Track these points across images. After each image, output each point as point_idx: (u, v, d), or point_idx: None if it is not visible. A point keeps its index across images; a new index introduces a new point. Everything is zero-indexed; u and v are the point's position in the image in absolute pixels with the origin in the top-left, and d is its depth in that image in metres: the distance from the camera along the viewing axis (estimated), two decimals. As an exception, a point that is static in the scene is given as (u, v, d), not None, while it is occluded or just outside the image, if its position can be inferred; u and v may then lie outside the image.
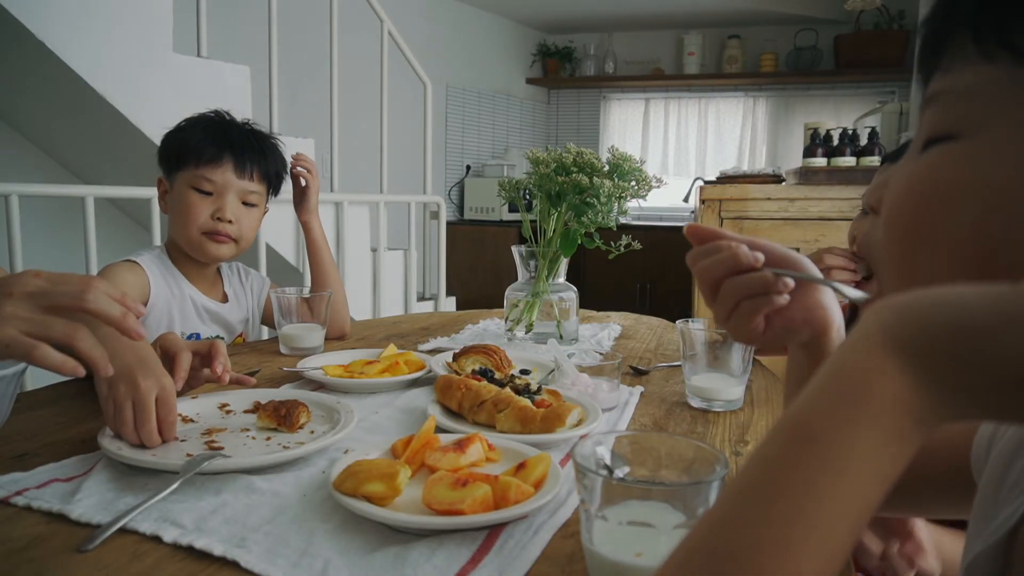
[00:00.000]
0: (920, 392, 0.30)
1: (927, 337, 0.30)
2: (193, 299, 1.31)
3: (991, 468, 0.48)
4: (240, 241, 1.30)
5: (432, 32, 4.48)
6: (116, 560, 0.55)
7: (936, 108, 0.39)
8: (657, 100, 5.33)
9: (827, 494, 0.30)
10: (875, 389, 0.31)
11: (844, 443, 0.30)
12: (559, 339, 1.34)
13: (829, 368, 0.33)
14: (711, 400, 0.98)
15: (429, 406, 0.91)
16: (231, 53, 2.47)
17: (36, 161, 2.61)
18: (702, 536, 0.33)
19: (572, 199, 1.31)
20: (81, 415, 0.89)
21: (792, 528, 0.30)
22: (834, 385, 0.32)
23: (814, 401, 0.32)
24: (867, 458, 0.30)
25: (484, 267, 4.53)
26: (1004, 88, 0.35)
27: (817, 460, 0.31)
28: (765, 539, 0.30)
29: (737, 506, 0.32)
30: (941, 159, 0.38)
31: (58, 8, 1.90)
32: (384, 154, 2.96)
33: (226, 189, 1.26)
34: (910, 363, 0.30)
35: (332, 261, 1.45)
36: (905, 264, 0.40)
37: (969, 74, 0.36)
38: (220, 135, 1.27)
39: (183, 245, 1.29)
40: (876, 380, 0.31)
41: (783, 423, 0.33)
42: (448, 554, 0.56)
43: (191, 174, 1.25)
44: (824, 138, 3.20)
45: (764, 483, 0.32)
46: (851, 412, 0.31)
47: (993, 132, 0.35)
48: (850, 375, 0.31)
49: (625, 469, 0.54)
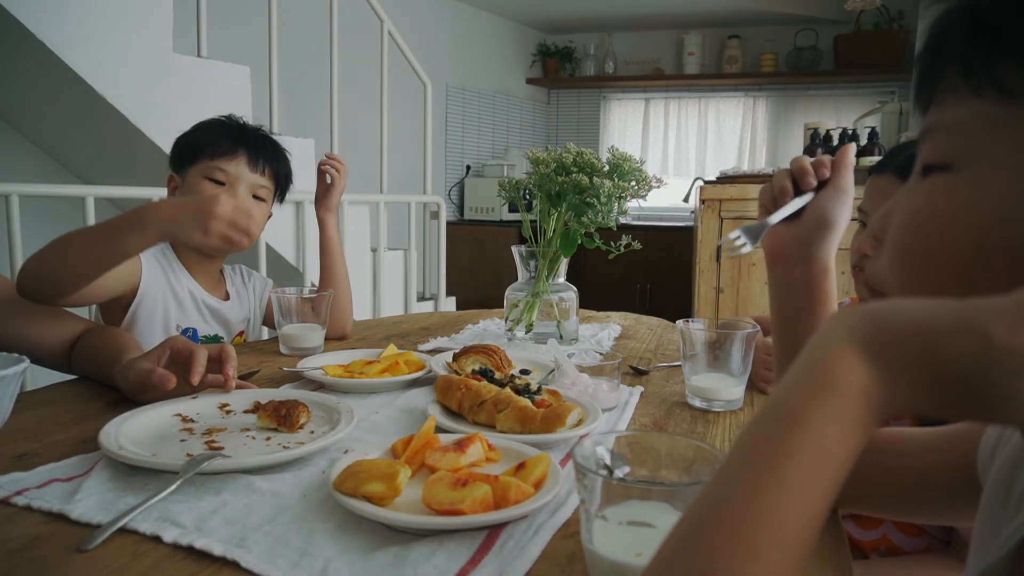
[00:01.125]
0: (879, 385, 0.35)
1: (885, 338, 0.35)
2: (193, 293, 1.31)
3: (995, 476, 0.48)
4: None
5: (432, 32, 4.48)
6: (116, 560, 0.55)
7: (931, 141, 0.42)
8: (657, 100, 5.34)
9: (805, 467, 0.35)
10: (844, 379, 0.35)
11: (819, 423, 0.35)
12: (559, 339, 1.34)
13: (805, 361, 0.37)
14: (711, 400, 0.98)
15: (429, 406, 0.91)
16: (231, 53, 2.47)
17: (36, 161, 2.61)
18: (692, 515, 0.36)
19: (572, 199, 1.31)
20: (81, 415, 0.89)
21: (779, 496, 0.34)
22: (810, 375, 0.37)
23: (794, 388, 0.37)
24: (836, 437, 0.35)
25: (484, 267, 4.53)
26: (991, 123, 0.38)
27: (797, 437, 0.35)
28: (756, 509, 0.34)
29: (730, 482, 0.36)
30: (937, 189, 0.42)
31: (58, 8, 1.90)
32: (384, 154, 2.96)
33: (239, 180, 1.28)
34: (871, 359, 0.35)
35: (342, 261, 1.46)
36: (909, 288, 0.44)
37: (960, 109, 0.39)
38: (235, 133, 1.31)
39: None
40: (845, 372, 0.35)
41: (767, 408, 0.38)
42: (448, 554, 0.56)
43: (205, 166, 1.28)
44: (824, 138, 3.20)
45: (752, 461, 0.36)
46: (826, 397, 0.35)
47: (982, 164, 0.39)
48: (823, 367, 0.36)
49: (625, 469, 0.54)
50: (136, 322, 1.23)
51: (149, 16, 2.12)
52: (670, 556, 0.35)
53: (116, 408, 0.91)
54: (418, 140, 3.26)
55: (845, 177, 0.72)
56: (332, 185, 1.44)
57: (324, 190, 1.45)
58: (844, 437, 0.35)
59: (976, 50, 0.38)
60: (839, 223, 0.71)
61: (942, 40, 0.40)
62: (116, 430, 0.77)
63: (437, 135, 4.65)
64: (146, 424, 0.82)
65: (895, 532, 0.98)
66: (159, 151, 2.07)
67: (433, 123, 3.28)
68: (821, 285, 0.72)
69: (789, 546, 0.34)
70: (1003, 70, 0.37)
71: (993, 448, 0.52)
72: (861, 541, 1.00)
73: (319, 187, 1.45)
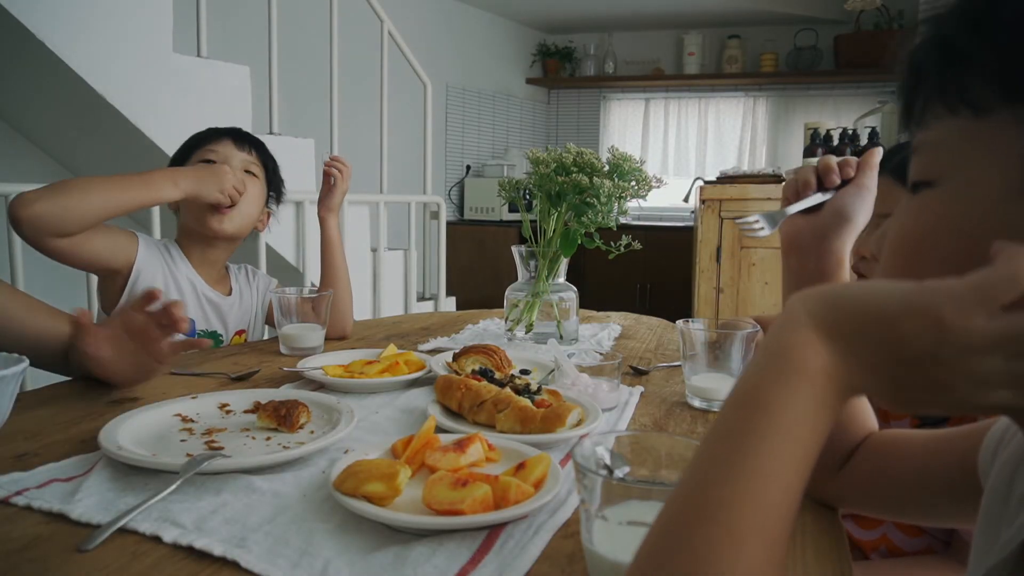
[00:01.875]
0: (839, 366, 0.37)
1: (840, 319, 0.37)
2: (194, 284, 1.33)
3: (996, 477, 0.48)
4: (241, 211, 1.35)
5: (432, 32, 4.48)
6: (116, 560, 0.55)
7: (917, 159, 0.45)
8: (657, 100, 5.34)
9: (777, 451, 0.36)
10: (806, 362, 0.37)
11: (787, 408, 0.36)
12: (559, 339, 1.34)
13: (768, 347, 0.39)
14: (711, 400, 0.98)
15: (429, 406, 0.91)
16: (231, 53, 2.47)
17: (36, 161, 2.61)
18: (670, 508, 0.37)
19: (572, 199, 1.31)
20: (81, 415, 0.89)
21: (756, 482, 0.35)
22: (774, 360, 0.38)
23: (760, 375, 0.38)
24: (804, 421, 0.36)
25: (484, 267, 4.53)
26: (968, 137, 0.41)
27: (765, 423, 0.36)
28: (735, 496, 0.35)
29: (705, 472, 0.37)
30: (924, 205, 0.44)
31: (59, 9, 1.90)
32: (384, 154, 2.96)
33: (229, 158, 1.38)
34: (830, 340, 0.37)
35: (343, 261, 1.46)
36: None
37: (940, 128, 0.43)
38: (223, 128, 1.42)
39: (192, 222, 1.35)
40: (806, 354, 0.37)
41: (735, 393, 0.39)
42: (448, 554, 0.56)
43: (197, 153, 1.37)
44: (824, 138, 3.20)
45: (726, 449, 0.37)
46: (791, 380, 0.37)
47: (963, 176, 0.42)
48: (786, 351, 0.37)
49: (625, 469, 0.54)
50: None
51: (149, 16, 2.12)
52: (654, 549, 0.36)
53: (116, 408, 0.91)
54: (418, 140, 3.26)
55: (869, 176, 0.75)
56: (334, 186, 1.45)
57: (327, 190, 1.46)
58: (811, 420, 0.36)
59: (949, 74, 0.41)
60: (857, 218, 0.73)
61: (919, 68, 0.44)
62: (116, 430, 0.77)
63: (437, 135, 4.65)
64: (146, 424, 0.82)
65: (895, 532, 0.98)
66: (159, 151, 2.07)
67: (433, 123, 3.28)
68: (834, 277, 0.73)
69: (770, 532, 0.34)
70: (974, 90, 0.40)
71: (994, 451, 0.51)
72: (861, 541, 1.00)
73: (323, 188, 1.47)
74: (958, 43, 0.41)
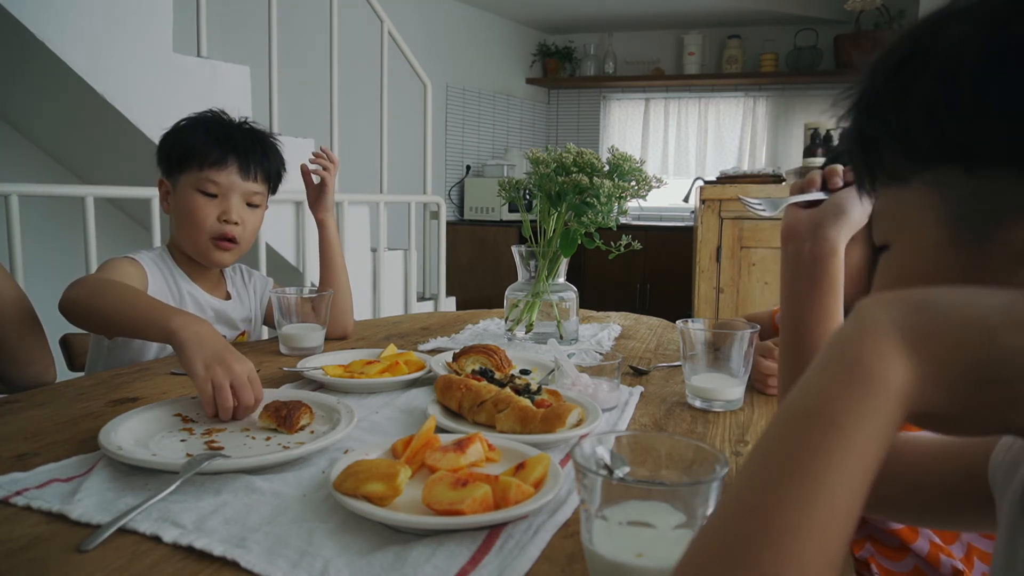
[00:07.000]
0: (918, 382, 0.33)
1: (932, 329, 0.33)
2: (194, 296, 1.31)
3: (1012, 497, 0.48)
4: (242, 243, 1.31)
5: (432, 32, 4.48)
6: (116, 560, 0.55)
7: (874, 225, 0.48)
8: (657, 100, 5.33)
9: (848, 472, 0.32)
10: (888, 378, 0.33)
11: (860, 425, 0.33)
12: (559, 339, 1.34)
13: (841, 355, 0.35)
14: (711, 400, 0.98)
15: (429, 406, 0.91)
16: (231, 53, 2.47)
17: (36, 161, 2.61)
18: (729, 524, 0.34)
19: (572, 199, 1.31)
20: (81, 415, 0.89)
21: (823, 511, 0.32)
22: (849, 371, 0.34)
23: (831, 386, 0.34)
24: (876, 440, 0.33)
25: (484, 267, 4.53)
26: (900, 207, 0.44)
27: (836, 441, 0.33)
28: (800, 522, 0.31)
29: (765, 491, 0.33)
30: (883, 266, 0.47)
31: (58, 8, 1.90)
32: (384, 154, 2.96)
33: (231, 191, 1.27)
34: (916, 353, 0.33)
35: (342, 261, 1.44)
36: None
37: (884, 197, 0.46)
38: (223, 137, 1.27)
39: (189, 251, 1.30)
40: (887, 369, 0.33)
41: (794, 411, 0.35)
42: (448, 554, 0.56)
43: (195, 177, 1.25)
44: (824, 138, 3.20)
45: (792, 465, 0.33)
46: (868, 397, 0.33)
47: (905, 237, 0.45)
48: (864, 363, 0.34)
49: (625, 469, 0.54)
50: None
51: (149, 16, 2.12)
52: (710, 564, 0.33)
53: (116, 408, 0.91)
54: (418, 140, 3.26)
55: None
56: (323, 185, 1.40)
57: (316, 192, 1.41)
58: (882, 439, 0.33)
59: (868, 156, 0.46)
60: (853, 213, 0.76)
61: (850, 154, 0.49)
62: (116, 430, 0.77)
63: (437, 135, 4.65)
64: (146, 424, 0.82)
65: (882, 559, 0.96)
66: (159, 151, 2.07)
67: (433, 123, 3.28)
68: (828, 264, 0.76)
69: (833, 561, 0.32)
70: (892, 164, 0.44)
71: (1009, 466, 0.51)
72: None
73: (309, 190, 1.42)
74: (864, 129, 0.46)
